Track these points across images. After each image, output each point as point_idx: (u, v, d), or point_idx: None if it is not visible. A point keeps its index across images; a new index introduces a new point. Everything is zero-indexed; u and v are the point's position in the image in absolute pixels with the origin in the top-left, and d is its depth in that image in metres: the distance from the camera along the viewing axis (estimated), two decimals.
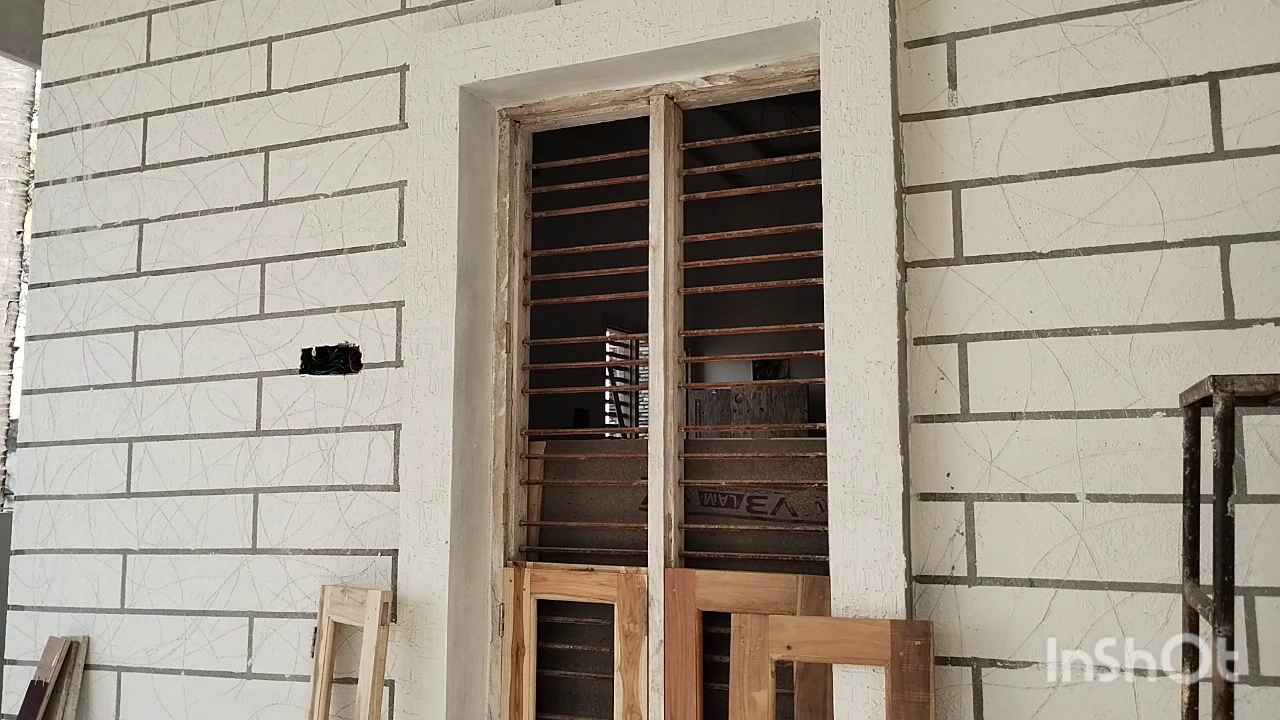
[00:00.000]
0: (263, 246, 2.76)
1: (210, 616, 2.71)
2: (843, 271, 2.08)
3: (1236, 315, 1.84)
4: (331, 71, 2.74)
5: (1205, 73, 1.91)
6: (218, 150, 2.86)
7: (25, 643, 2.92)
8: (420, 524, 2.43)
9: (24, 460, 3.02)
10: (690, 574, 2.31)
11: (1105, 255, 1.94)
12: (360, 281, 2.63)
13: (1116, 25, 1.98)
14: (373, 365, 2.59)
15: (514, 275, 2.63)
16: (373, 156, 2.65)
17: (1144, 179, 1.93)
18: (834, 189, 2.11)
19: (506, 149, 2.65)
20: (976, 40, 2.08)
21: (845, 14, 2.12)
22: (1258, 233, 1.84)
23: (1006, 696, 1.93)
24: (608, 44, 2.36)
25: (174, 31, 2.98)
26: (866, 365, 2.03)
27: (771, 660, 2.00)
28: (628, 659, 2.37)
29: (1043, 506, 1.95)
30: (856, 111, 2.10)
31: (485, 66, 2.50)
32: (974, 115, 2.07)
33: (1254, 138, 1.86)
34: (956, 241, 2.06)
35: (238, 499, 2.71)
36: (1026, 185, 2.02)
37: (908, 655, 1.91)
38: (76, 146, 3.07)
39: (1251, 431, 1.81)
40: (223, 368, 2.78)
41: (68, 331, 3.00)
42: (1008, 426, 1.99)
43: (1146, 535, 1.87)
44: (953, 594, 1.99)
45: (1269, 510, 1.79)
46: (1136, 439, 1.89)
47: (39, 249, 3.08)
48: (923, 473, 2.04)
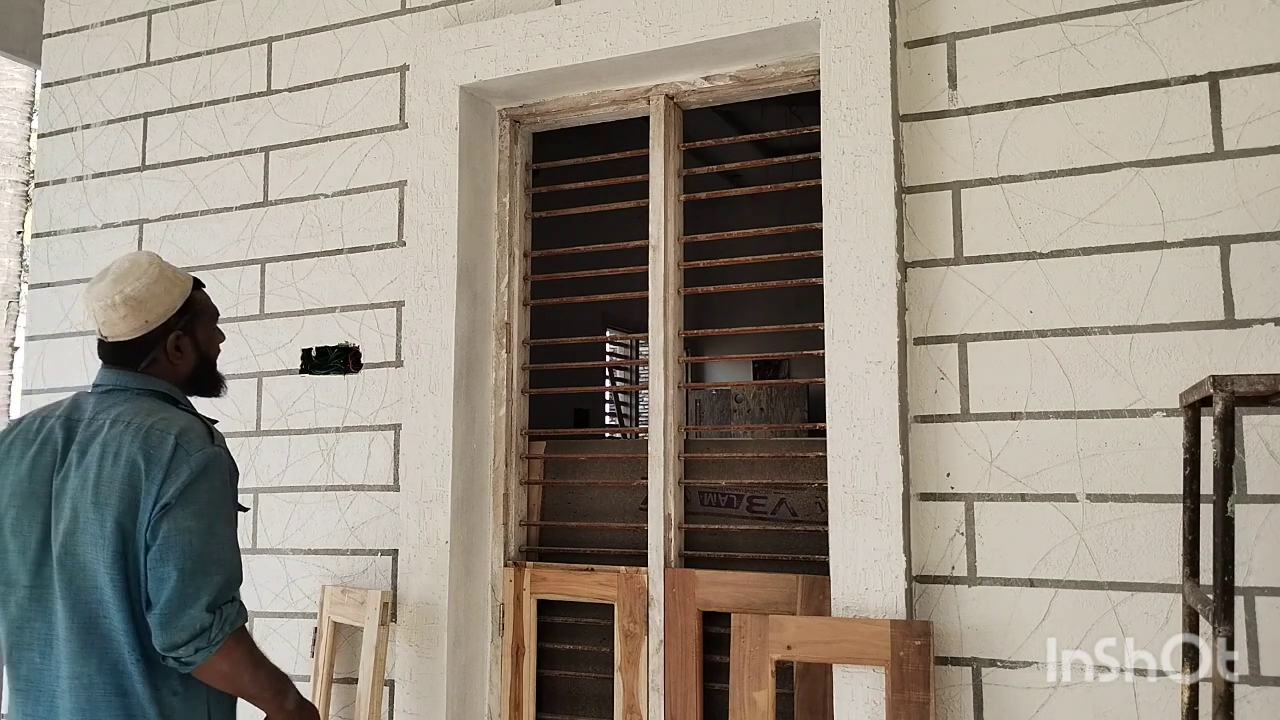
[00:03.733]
0: (263, 246, 2.76)
1: None
2: (843, 271, 2.08)
3: (1236, 315, 1.84)
4: (331, 71, 2.74)
5: (1205, 73, 1.91)
6: (218, 150, 2.86)
7: None
8: (420, 524, 2.43)
9: None
10: (690, 574, 2.31)
11: (1105, 255, 1.94)
12: (360, 281, 2.63)
13: (1116, 25, 1.98)
14: (373, 365, 2.59)
15: (514, 275, 2.63)
16: (373, 156, 2.65)
17: (1144, 179, 1.93)
18: (834, 189, 2.11)
19: (506, 149, 2.65)
20: (976, 40, 2.08)
21: (845, 14, 2.12)
22: (1258, 233, 1.84)
23: (1006, 696, 1.93)
24: (608, 44, 2.36)
25: (174, 31, 2.98)
26: (866, 365, 2.03)
27: (771, 660, 2.00)
28: (628, 659, 2.37)
29: (1043, 506, 1.95)
30: (856, 111, 2.10)
31: (485, 66, 2.50)
32: (974, 115, 2.07)
33: (1254, 138, 1.86)
34: (956, 241, 2.06)
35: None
36: (1026, 185, 2.02)
37: (908, 655, 1.91)
38: (76, 146, 3.07)
39: (1251, 431, 1.81)
40: (223, 367, 2.76)
41: (68, 331, 3.00)
42: (1008, 426, 1.98)
43: (1146, 535, 1.87)
44: (953, 594, 1.99)
45: (1269, 510, 1.79)
46: (1136, 439, 1.89)
47: (39, 249, 3.08)
48: (923, 473, 2.04)
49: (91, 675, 1.56)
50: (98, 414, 1.65)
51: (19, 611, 1.62)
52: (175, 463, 1.57)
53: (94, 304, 1.72)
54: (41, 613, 1.60)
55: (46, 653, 1.59)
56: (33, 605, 1.61)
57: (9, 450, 1.68)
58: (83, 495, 1.58)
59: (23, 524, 1.62)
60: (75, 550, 1.58)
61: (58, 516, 1.60)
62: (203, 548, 1.56)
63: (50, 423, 1.67)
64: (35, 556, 1.61)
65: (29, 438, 1.67)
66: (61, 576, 1.59)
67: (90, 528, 1.57)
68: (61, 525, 1.59)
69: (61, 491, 1.61)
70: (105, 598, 1.57)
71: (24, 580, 1.61)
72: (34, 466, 1.64)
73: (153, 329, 1.73)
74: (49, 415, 1.70)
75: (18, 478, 1.64)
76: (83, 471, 1.60)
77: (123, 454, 1.58)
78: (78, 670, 1.56)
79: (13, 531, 1.63)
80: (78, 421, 1.65)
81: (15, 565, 1.62)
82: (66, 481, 1.61)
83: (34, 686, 1.60)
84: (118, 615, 1.56)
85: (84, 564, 1.57)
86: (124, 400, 1.68)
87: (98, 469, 1.59)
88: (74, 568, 1.58)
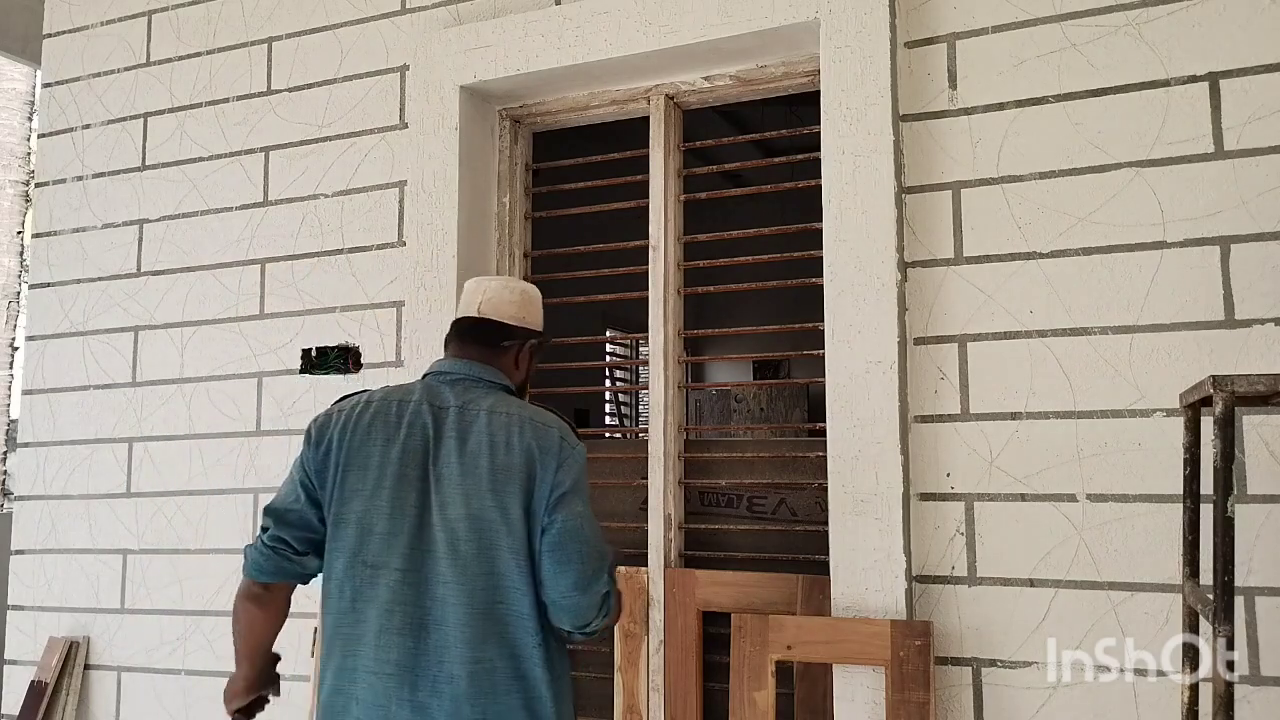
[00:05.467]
0: (263, 246, 2.76)
1: (210, 616, 2.71)
2: (843, 271, 2.08)
3: (1236, 315, 1.84)
4: (331, 71, 2.74)
5: (1205, 73, 1.91)
6: (218, 150, 2.86)
7: (25, 643, 2.92)
8: None
9: (24, 460, 3.02)
10: (690, 574, 2.31)
11: (1105, 255, 1.94)
12: (360, 281, 2.63)
13: (1116, 25, 1.98)
14: (373, 365, 2.59)
15: (514, 275, 2.63)
16: (373, 156, 2.65)
17: (1144, 179, 1.93)
18: (834, 189, 2.11)
19: (506, 149, 2.65)
20: (977, 40, 2.08)
21: (845, 14, 2.12)
22: (1258, 233, 1.84)
23: (1006, 696, 1.93)
24: (608, 44, 2.36)
25: (174, 31, 2.98)
26: (867, 365, 2.03)
27: (771, 660, 2.00)
28: (628, 659, 2.37)
29: (1043, 506, 1.95)
30: (856, 111, 2.10)
31: (485, 66, 2.50)
32: (974, 115, 2.07)
33: (1254, 138, 1.86)
34: (956, 241, 2.06)
35: (238, 499, 2.71)
36: (1026, 185, 2.02)
37: (908, 655, 1.91)
38: (76, 146, 3.07)
39: (1251, 431, 1.81)
40: (223, 368, 2.78)
41: (68, 331, 3.00)
42: (1008, 426, 1.98)
43: (1146, 535, 1.87)
44: (953, 594, 1.99)
45: (1269, 510, 1.79)
46: (1137, 439, 1.89)
47: (39, 249, 3.08)
48: (923, 473, 2.04)
49: (493, 660, 1.56)
50: (467, 403, 1.66)
51: (390, 594, 1.58)
52: (563, 454, 1.63)
53: (491, 282, 1.78)
54: (417, 597, 1.58)
55: (422, 637, 1.57)
56: (407, 589, 1.58)
57: (369, 432, 1.66)
58: (473, 482, 1.60)
59: (396, 507, 1.61)
60: (471, 537, 1.58)
61: (441, 502, 1.60)
62: (593, 531, 1.63)
63: (411, 408, 1.67)
64: (409, 540, 1.60)
65: (390, 421, 1.66)
66: (454, 563, 1.58)
67: (490, 514, 1.59)
68: (449, 511, 1.59)
69: (442, 477, 1.61)
70: (509, 583, 1.58)
71: (396, 564, 1.59)
72: (405, 450, 1.63)
73: (524, 325, 1.79)
74: (403, 400, 1.68)
75: (384, 460, 1.63)
76: (469, 459, 1.61)
77: (515, 444, 1.62)
78: (477, 655, 1.56)
79: (382, 514, 1.61)
80: (444, 409, 1.66)
81: (381, 548, 1.60)
82: (448, 468, 1.62)
83: (407, 671, 1.56)
84: (521, 600, 1.58)
85: (483, 550, 1.58)
86: (485, 391, 1.70)
87: (490, 457, 1.61)
88: (469, 554, 1.58)
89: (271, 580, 1.68)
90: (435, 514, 1.60)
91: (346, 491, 1.63)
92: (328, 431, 1.69)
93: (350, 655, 1.58)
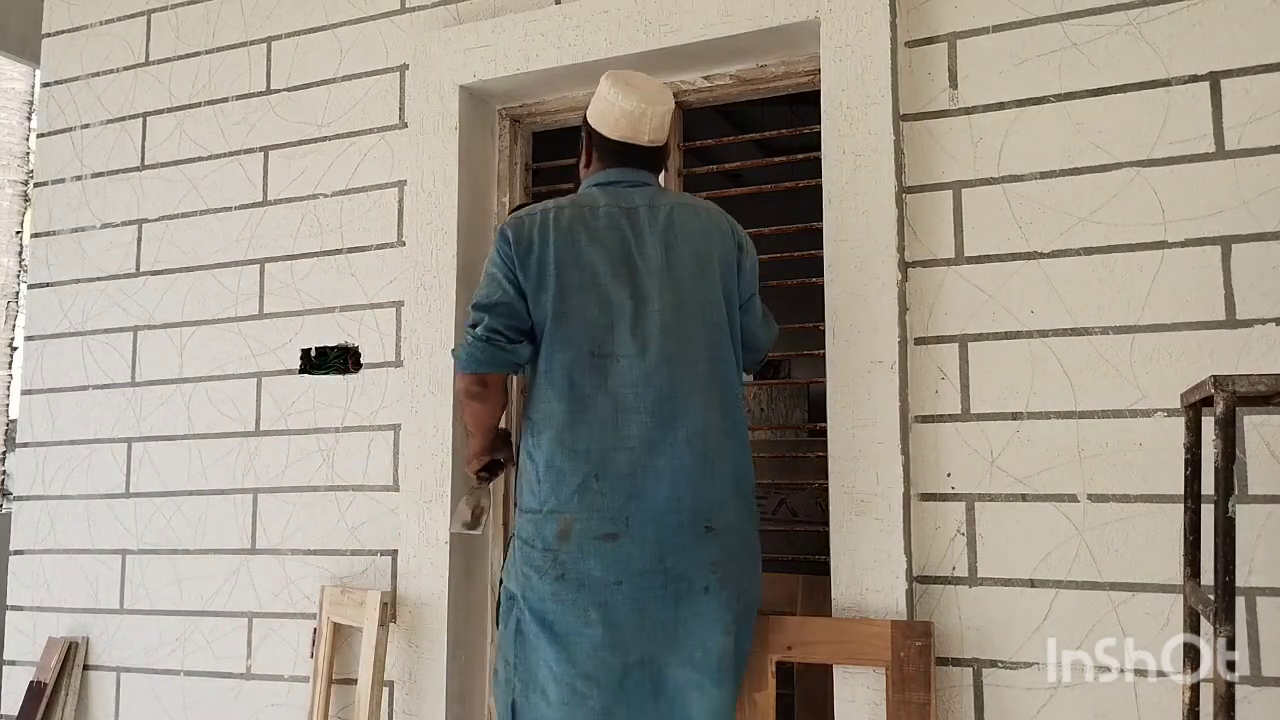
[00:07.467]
0: (262, 246, 2.76)
1: (209, 617, 2.70)
2: (843, 271, 2.08)
3: (1238, 315, 1.84)
4: (331, 71, 2.73)
5: (1206, 72, 1.91)
6: (217, 150, 2.86)
7: (24, 643, 2.92)
8: (420, 524, 2.43)
9: (23, 460, 3.02)
10: None
11: (1106, 255, 1.94)
12: (360, 281, 2.63)
13: (1117, 25, 1.98)
14: (372, 365, 2.59)
15: None
16: (372, 156, 2.65)
17: (1145, 179, 1.93)
18: (834, 189, 2.10)
19: (506, 149, 2.65)
20: (977, 40, 2.08)
21: (845, 14, 2.12)
22: (1259, 232, 1.84)
23: (1007, 697, 1.93)
24: (608, 43, 2.35)
25: (173, 31, 2.97)
26: (867, 365, 2.03)
27: (772, 660, 2.00)
28: None
29: (1043, 507, 1.94)
30: (857, 111, 2.10)
31: (485, 66, 2.49)
32: (974, 115, 2.07)
33: (1255, 137, 1.86)
34: (957, 241, 2.06)
35: (237, 499, 2.71)
36: (1027, 185, 2.01)
37: (908, 656, 1.91)
38: (76, 146, 3.06)
39: (1253, 432, 1.81)
40: (222, 368, 2.78)
41: (67, 331, 3.00)
42: (1008, 426, 1.98)
43: (1147, 535, 1.87)
44: (953, 594, 1.99)
45: (1270, 510, 1.79)
46: (1137, 439, 1.89)
47: (38, 249, 3.08)
48: (923, 473, 2.04)
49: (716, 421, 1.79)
50: (656, 203, 1.85)
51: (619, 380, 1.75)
52: (739, 236, 1.92)
53: (657, 108, 1.87)
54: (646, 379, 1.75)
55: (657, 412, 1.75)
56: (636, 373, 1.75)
57: (570, 233, 1.80)
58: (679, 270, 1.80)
59: (614, 300, 1.78)
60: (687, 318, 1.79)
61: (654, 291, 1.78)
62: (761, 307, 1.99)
63: (603, 210, 1.83)
64: (630, 328, 1.77)
65: (588, 223, 1.81)
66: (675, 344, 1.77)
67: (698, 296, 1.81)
68: (665, 298, 1.78)
69: (652, 270, 1.80)
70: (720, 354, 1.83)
71: (622, 351, 1.76)
72: (610, 248, 1.80)
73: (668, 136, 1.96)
74: (591, 206, 1.84)
75: (594, 258, 1.79)
76: (670, 251, 1.81)
77: (712, 233, 1.86)
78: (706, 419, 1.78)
79: (606, 307, 1.78)
80: (634, 209, 1.84)
81: (605, 338, 1.77)
82: (654, 260, 1.80)
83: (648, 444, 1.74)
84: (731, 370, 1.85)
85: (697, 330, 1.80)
86: (657, 190, 1.90)
87: (689, 246, 1.82)
88: (691, 330, 1.79)
89: (489, 370, 1.80)
90: (650, 303, 1.78)
91: (563, 287, 1.78)
92: (525, 230, 1.81)
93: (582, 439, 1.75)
